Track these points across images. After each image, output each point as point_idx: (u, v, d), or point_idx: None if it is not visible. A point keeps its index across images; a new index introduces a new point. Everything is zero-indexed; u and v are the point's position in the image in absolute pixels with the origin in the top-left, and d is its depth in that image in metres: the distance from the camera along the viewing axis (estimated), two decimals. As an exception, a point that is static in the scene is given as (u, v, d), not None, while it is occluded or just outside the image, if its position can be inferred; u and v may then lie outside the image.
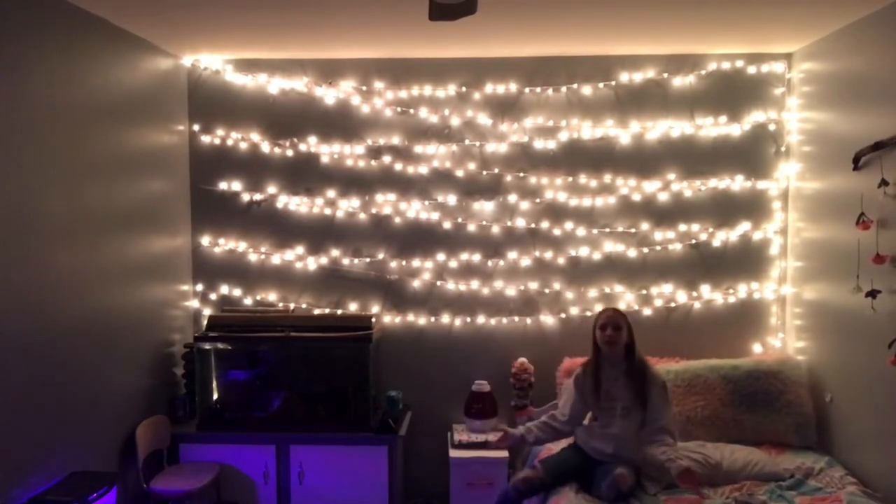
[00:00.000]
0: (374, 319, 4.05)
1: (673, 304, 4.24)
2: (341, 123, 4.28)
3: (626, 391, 3.18)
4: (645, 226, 4.22)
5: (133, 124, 3.73)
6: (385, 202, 4.28)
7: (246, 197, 4.34)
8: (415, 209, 4.28)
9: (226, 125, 4.32)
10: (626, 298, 4.25)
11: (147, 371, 3.87)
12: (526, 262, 4.26)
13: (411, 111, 4.25)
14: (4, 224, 2.75)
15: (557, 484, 3.20)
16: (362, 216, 4.31)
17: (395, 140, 4.27)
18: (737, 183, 4.18)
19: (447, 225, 4.28)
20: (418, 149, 4.26)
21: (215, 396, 4.12)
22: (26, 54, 2.88)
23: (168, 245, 4.11)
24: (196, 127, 4.32)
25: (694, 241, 4.22)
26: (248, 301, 4.36)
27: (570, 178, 4.23)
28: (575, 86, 4.20)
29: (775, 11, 3.35)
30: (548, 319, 4.27)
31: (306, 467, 3.88)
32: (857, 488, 3.15)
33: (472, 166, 4.26)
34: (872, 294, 3.16)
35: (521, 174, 4.25)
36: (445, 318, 4.28)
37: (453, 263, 4.28)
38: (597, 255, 4.23)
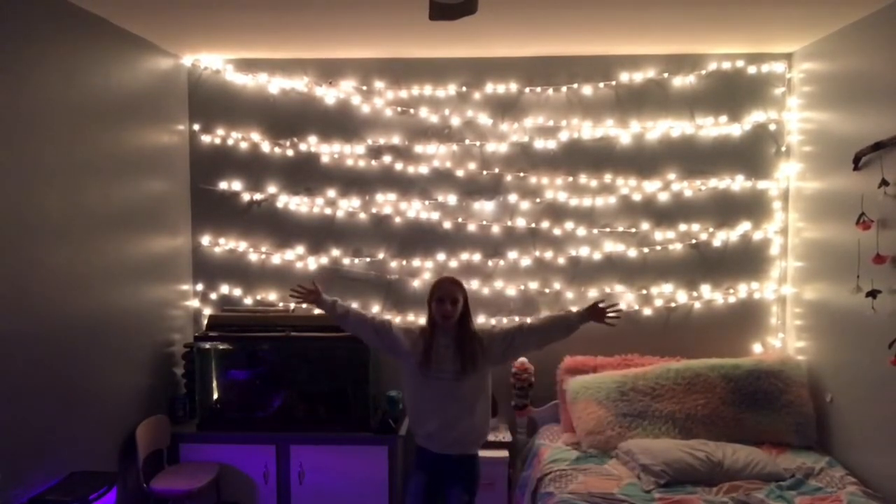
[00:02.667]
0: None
1: (673, 304, 4.24)
2: (341, 123, 4.28)
3: (456, 356, 2.98)
4: (645, 226, 4.22)
5: (133, 124, 3.73)
6: (385, 202, 4.28)
7: (246, 197, 4.34)
8: (415, 209, 4.28)
9: (226, 125, 4.32)
10: (626, 298, 4.25)
11: (147, 371, 3.87)
12: (526, 261, 4.26)
13: (411, 111, 4.25)
14: (4, 224, 2.76)
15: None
16: (362, 216, 4.31)
17: (396, 140, 4.27)
18: (737, 183, 4.18)
19: (447, 225, 4.28)
20: (418, 149, 4.26)
21: (215, 396, 4.12)
22: (26, 54, 2.88)
23: (168, 245, 4.11)
24: (196, 127, 4.32)
25: (694, 241, 4.22)
26: (248, 301, 4.36)
27: (571, 178, 4.23)
28: (575, 86, 4.20)
29: (775, 11, 3.35)
30: (548, 319, 4.27)
31: (306, 467, 3.88)
32: (858, 488, 3.15)
33: (472, 166, 4.25)
34: (873, 294, 3.16)
35: (521, 174, 4.24)
36: (445, 318, 4.27)
37: (453, 263, 4.28)
38: (597, 255, 4.23)
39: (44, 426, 2.99)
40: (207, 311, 4.31)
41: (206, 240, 4.36)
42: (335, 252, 4.31)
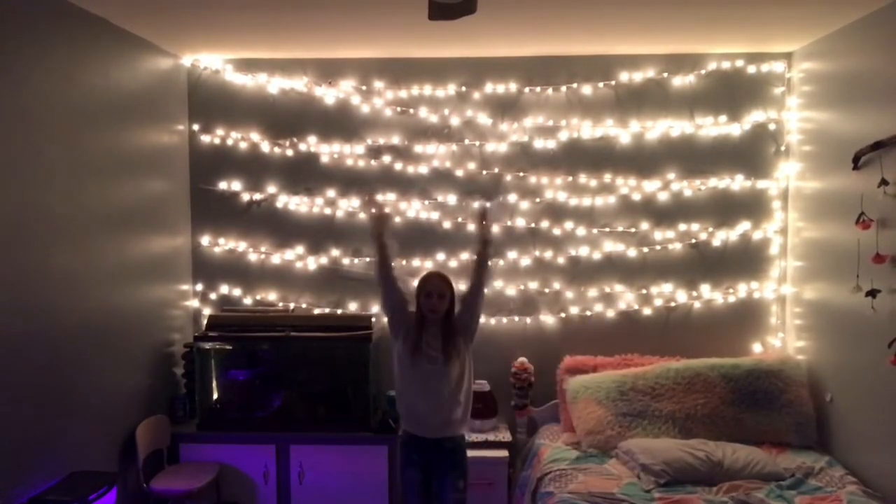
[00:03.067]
0: (373, 319, 4.05)
1: (673, 304, 4.24)
2: (341, 123, 4.28)
3: (443, 343, 3.12)
4: (645, 225, 4.22)
5: (133, 124, 3.73)
6: (385, 202, 4.28)
7: (246, 197, 4.34)
8: (415, 209, 4.28)
9: (226, 125, 4.32)
10: (626, 298, 4.25)
11: (147, 371, 3.87)
12: (526, 261, 4.26)
13: (411, 111, 4.25)
14: (4, 224, 2.75)
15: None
16: (362, 216, 4.31)
17: (395, 140, 4.27)
18: (737, 182, 4.18)
19: (447, 224, 4.28)
20: (418, 148, 4.26)
21: (215, 396, 4.12)
22: (26, 54, 2.88)
23: (168, 245, 4.11)
24: (196, 127, 4.32)
25: (694, 241, 4.22)
26: (248, 301, 4.36)
27: (570, 178, 4.23)
28: (575, 85, 4.20)
29: (775, 11, 3.35)
30: (548, 319, 4.27)
31: (306, 467, 3.88)
32: (857, 488, 3.15)
33: (472, 166, 4.25)
34: (872, 294, 3.16)
35: (521, 174, 4.24)
36: (445, 318, 4.27)
37: (453, 263, 4.28)
38: (597, 255, 4.23)
39: (44, 426, 2.99)
40: (207, 311, 4.31)
41: (205, 240, 4.36)
42: (335, 252, 4.31)
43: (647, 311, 4.23)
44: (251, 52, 4.18)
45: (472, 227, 4.09)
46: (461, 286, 3.24)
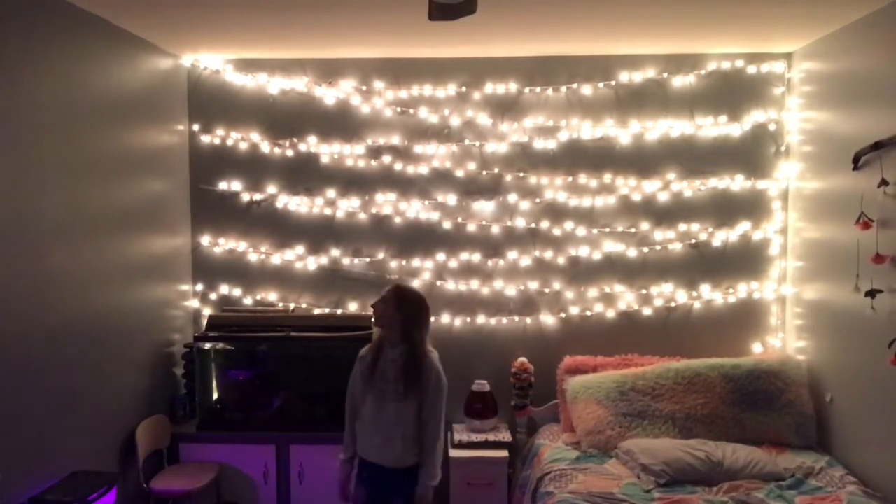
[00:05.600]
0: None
1: (673, 304, 4.24)
2: (341, 123, 4.28)
3: (401, 373, 2.93)
4: (645, 226, 4.22)
5: (133, 124, 3.73)
6: (385, 202, 4.28)
7: (246, 197, 4.34)
8: (415, 209, 4.28)
9: (226, 125, 4.32)
10: (626, 298, 4.25)
11: (147, 371, 3.87)
12: (526, 261, 4.26)
13: (411, 111, 4.25)
14: (4, 224, 2.75)
15: None
16: (362, 216, 4.31)
17: (395, 140, 4.27)
18: (737, 183, 4.18)
19: (447, 225, 4.28)
20: (418, 149, 4.26)
21: (215, 396, 4.12)
22: (26, 54, 2.88)
23: (168, 245, 4.11)
24: (196, 127, 4.32)
25: (694, 241, 4.22)
26: (248, 301, 4.36)
27: (570, 178, 4.23)
28: (575, 86, 4.20)
29: (775, 11, 3.35)
30: (548, 319, 4.27)
31: (306, 467, 3.88)
32: (858, 488, 3.15)
33: (472, 166, 4.26)
34: (872, 294, 3.16)
35: (521, 174, 4.25)
36: (445, 318, 4.28)
37: (453, 263, 4.28)
38: (597, 255, 4.23)
39: (44, 426, 2.99)
40: (207, 311, 4.31)
41: (205, 240, 4.36)
42: (335, 252, 4.31)
43: (647, 312, 4.23)
44: (251, 52, 4.18)
45: (472, 226, 4.07)
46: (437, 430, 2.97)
